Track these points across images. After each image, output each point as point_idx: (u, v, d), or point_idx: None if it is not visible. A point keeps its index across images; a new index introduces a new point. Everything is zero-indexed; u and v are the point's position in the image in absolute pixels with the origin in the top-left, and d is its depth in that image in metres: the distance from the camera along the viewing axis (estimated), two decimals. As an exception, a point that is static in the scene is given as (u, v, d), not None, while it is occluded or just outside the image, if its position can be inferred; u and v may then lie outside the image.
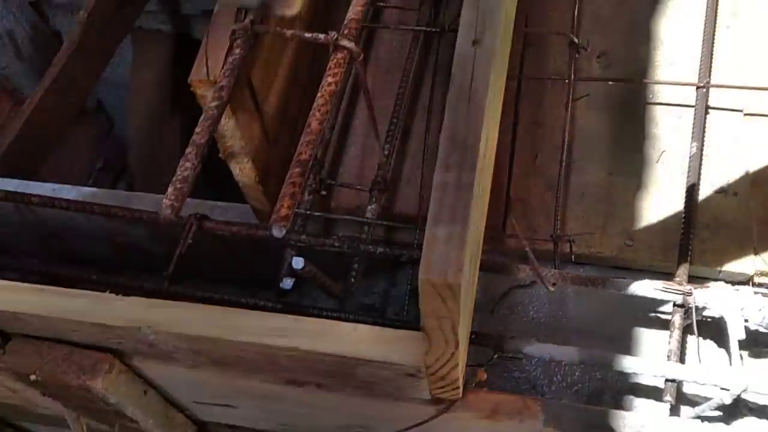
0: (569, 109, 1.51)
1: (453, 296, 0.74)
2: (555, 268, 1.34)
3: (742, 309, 1.19)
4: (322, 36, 0.93)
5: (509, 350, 1.21)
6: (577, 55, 1.62)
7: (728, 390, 1.14)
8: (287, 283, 1.18)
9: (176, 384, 1.20)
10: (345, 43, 0.92)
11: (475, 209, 0.80)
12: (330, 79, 0.91)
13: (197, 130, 0.97)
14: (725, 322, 1.21)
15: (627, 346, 1.39)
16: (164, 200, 0.91)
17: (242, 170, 1.28)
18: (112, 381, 1.08)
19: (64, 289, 1.03)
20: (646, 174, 1.50)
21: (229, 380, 1.13)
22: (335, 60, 0.92)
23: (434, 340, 0.86)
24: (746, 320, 1.19)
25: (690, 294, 1.22)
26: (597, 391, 1.35)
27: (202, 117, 0.93)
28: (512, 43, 1.66)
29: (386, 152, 1.42)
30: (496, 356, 1.22)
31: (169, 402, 1.29)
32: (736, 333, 1.18)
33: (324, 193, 1.44)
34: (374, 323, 1.00)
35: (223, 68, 0.94)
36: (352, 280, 1.24)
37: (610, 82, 1.59)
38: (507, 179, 1.53)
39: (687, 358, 1.35)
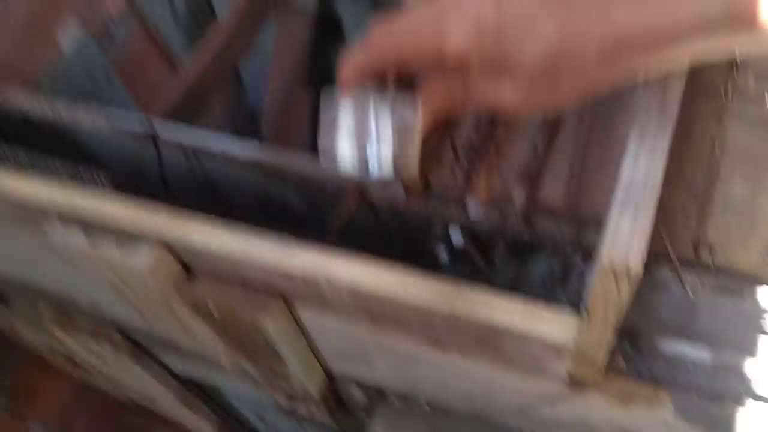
0: (723, 122, 1.52)
1: (629, 283, 0.80)
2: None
3: None
4: None
5: (643, 345, 1.25)
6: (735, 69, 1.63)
7: None
8: (445, 257, 1.26)
9: (327, 334, 1.31)
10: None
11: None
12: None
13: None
14: None
15: (755, 361, 1.40)
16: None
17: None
18: (277, 321, 1.18)
19: (249, 229, 1.12)
20: (795, 194, 1.49)
21: (378, 337, 1.23)
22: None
23: (595, 323, 0.92)
24: None
25: (836, 316, 1.23)
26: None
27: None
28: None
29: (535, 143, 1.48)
30: (629, 348, 1.26)
31: (312, 350, 1.41)
32: None
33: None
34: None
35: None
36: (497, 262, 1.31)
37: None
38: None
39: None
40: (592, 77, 0.79)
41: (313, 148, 1.12)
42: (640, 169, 0.85)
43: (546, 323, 0.99)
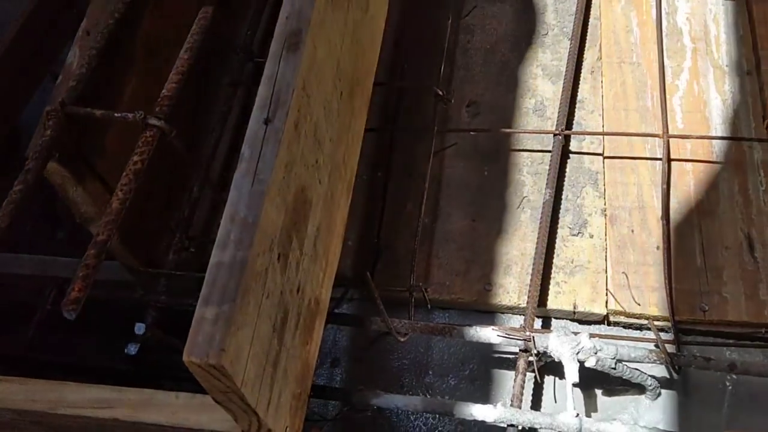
0: (431, 159, 1.57)
1: (223, 375, 0.78)
2: (409, 318, 1.39)
3: (577, 353, 1.24)
4: (130, 115, 0.97)
5: (357, 403, 1.24)
6: (445, 105, 1.69)
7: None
8: (131, 349, 1.20)
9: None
10: (154, 121, 0.96)
11: (254, 285, 0.84)
12: (136, 158, 0.94)
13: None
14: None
15: (486, 387, 1.44)
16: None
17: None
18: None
19: None
20: (507, 220, 1.56)
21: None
22: (143, 138, 0.96)
23: (232, 412, 0.90)
24: (582, 362, 1.25)
25: (530, 340, 1.27)
26: (455, 434, 1.39)
27: (5, 201, 0.97)
28: (386, 97, 1.74)
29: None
30: (346, 409, 1.25)
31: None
32: (571, 376, 1.23)
33: (192, 250, 1.48)
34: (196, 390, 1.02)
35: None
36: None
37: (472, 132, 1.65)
38: (378, 228, 1.58)
39: (542, 399, 1.41)
40: None
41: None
42: (227, 252, 0.83)
43: (212, 414, 0.96)
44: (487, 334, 1.30)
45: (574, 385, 1.25)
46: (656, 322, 1.40)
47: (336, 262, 1.30)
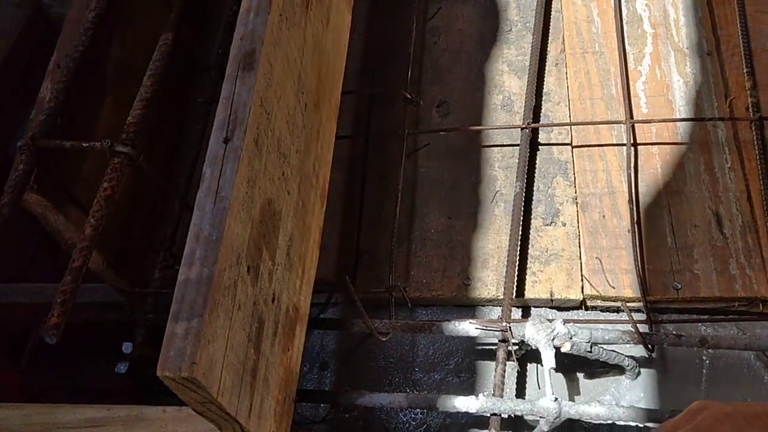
0: (402, 161, 1.61)
1: (197, 386, 0.82)
2: (390, 318, 1.43)
3: (552, 339, 1.28)
4: (98, 144, 1.02)
5: (343, 404, 1.28)
6: (415, 108, 1.74)
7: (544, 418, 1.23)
8: (121, 367, 1.25)
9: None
10: (120, 148, 1.00)
11: (222, 298, 0.88)
12: (106, 185, 0.99)
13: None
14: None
15: (472, 379, 1.48)
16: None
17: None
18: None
19: None
20: (482, 215, 1.60)
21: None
22: (112, 165, 1.00)
23: (214, 421, 0.94)
24: (558, 348, 1.29)
25: (506, 330, 1.31)
26: (443, 427, 1.43)
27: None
28: (359, 103, 1.78)
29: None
30: (333, 410, 1.29)
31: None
32: (548, 362, 1.27)
33: (177, 267, 1.51)
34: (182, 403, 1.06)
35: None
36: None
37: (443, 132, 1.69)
38: (357, 232, 1.62)
39: (525, 386, 1.45)
40: None
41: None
42: (194, 270, 0.87)
43: (198, 425, 1.00)
44: (465, 327, 1.34)
45: (554, 370, 1.29)
46: (631, 304, 1.44)
47: (314, 268, 1.34)
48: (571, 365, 1.43)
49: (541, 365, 1.44)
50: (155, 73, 1.14)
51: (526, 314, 1.53)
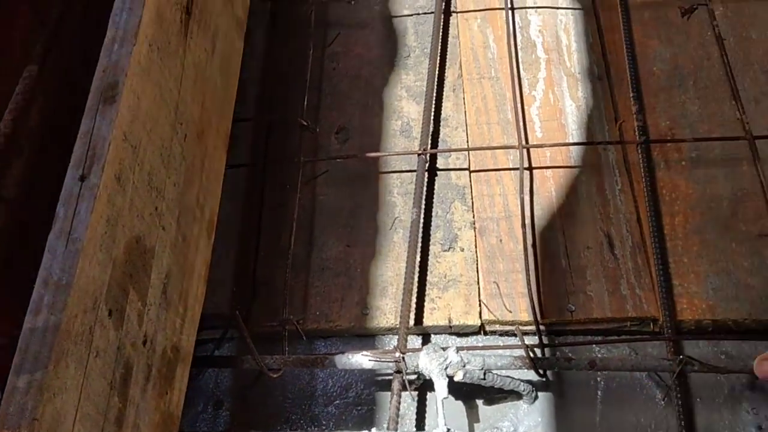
0: (298, 189, 1.59)
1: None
2: (283, 353, 1.39)
3: (445, 369, 1.27)
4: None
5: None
6: (313, 134, 1.71)
7: (437, 449, 1.21)
8: None
9: None
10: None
11: (73, 347, 0.83)
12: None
13: None
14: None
15: (371, 411, 1.45)
16: None
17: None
18: None
19: None
20: (381, 242, 1.58)
21: None
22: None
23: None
24: (451, 377, 1.27)
25: (400, 361, 1.29)
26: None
27: None
28: (256, 131, 1.75)
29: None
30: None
31: None
32: (441, 392, 1.25)
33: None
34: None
35: None
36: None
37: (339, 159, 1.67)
38: (254, 263, 1.58)
39: (425, 416, 1.43)
40: None
41: None
42: (40, 317, 0.82)
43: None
44: (359, 360, 1.31)
45: (451, 398, 1.27)
46: (527, 327, 1.44)
47: (198, 305, 1.29)
48: (470, 392, 1.42)
49: (415, 399, 1.43)
50: (17, 107, 1.08)
51: (426, 341, 1.51)
